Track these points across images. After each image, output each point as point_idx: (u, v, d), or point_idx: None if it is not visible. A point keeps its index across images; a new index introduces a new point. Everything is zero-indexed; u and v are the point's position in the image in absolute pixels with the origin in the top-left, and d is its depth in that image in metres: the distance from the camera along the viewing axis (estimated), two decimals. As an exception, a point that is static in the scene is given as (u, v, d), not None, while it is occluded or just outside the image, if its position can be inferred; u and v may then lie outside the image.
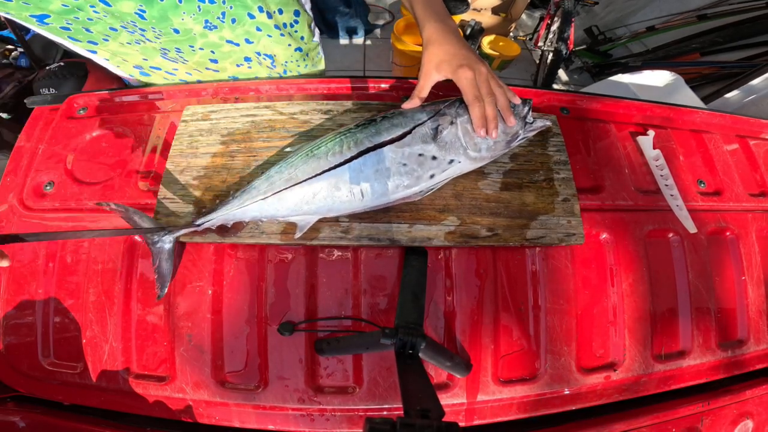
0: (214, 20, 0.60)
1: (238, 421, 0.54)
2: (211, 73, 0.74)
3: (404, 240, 0.54)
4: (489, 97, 0.52)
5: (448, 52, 0.54)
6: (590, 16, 2.61)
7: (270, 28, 0.67)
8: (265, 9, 0.63)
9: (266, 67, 0.76)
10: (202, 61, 0.69)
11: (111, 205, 0.53)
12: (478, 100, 0.52)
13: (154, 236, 0.53)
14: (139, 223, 0.54)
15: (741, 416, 0.59)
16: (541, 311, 0.57)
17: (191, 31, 0.61)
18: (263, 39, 0.68)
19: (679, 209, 0.64)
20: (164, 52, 0.66)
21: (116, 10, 0.53)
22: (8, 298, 0.58)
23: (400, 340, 0.46)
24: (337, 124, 0.63)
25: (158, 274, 0.55)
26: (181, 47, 0.64)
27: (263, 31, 0.67)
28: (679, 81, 1.34)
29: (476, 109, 0.52)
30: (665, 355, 0.59)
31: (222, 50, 0.68)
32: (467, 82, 0.52)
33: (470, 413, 0.55)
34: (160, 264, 0.54)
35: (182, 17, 0.57)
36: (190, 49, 0.65)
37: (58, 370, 0.56)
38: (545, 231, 0.56)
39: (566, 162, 0.61)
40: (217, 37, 0.64)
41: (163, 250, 0.54)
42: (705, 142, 0.72)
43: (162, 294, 0.54)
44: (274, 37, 0.69)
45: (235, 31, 0.64)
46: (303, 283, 0.56)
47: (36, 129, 0.69)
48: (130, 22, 0.56)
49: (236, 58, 0.71)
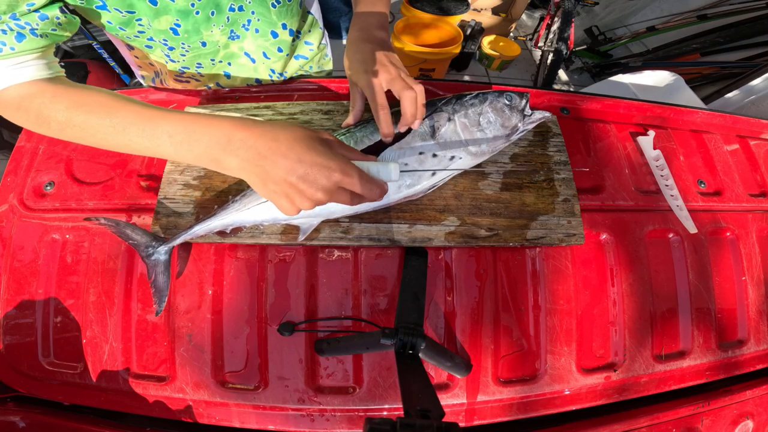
0: (239, 29, 0.60)
1: (238, 422, 0.54)
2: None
3: (404, 240, 0.54)
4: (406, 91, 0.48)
5: (356, 61, 0.52)
6: (590, 16, 2.61)
7: (287, 47, 0.67)
8: (289, 27, 0.63)
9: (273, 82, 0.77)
10: (217, 74, 0.70)
11: (101, 219, 0.52)
12: (384, 109, 0.49)
13: (149, 248, 0.52)
14: (131, 236, 0.53)
15: (741, 416, 0.59)
16: (541, 311, 0.57)
17: (217, 43, 0.60)
18: (282, 59, 0.69)
19: (680, 209, 0.64)
20: (183, 70, 0.66)
21: (153, 27, 0.52)
22: (8, 298, 0.58)
23: (400, 341, 0.46)
24: (337, 124, 0.63)
25: (155, 288, 0.53)
26: (202, 62, 0.64)
27: (284, 52, 0.67)
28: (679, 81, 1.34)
29: (383, 116, 0.49)
30: (665, 356, 0.59)
31: (238, 62, 0.68)
32: (370, 89, 0.49)
33: (470, 413, 0.55)
34: (156, 278, 0.53)
35: (212, 29, 0.56)
36: (210, 62, 0.65)
37: (58, 370, 0.56)
38: (545, 231, 0.56)
39: (566, 162, 0.61)
40: (237, 48, 0.65)
41: (159, 262, 0.52)
42: (705, 142, 0.72)
43: (161, 309, 0.53)
44: (291, 57, 0.70)
45: (257, 42, 0.64)
46: (303, 283, 0.56)
47: (36, 129, 0.69)
48: (162, 40, 0.56)
49: (248, 76, 0.71)
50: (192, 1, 0.50)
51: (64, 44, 1.97)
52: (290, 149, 0.38)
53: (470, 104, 0.54)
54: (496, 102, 0.55)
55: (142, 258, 0.53)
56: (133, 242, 0.53)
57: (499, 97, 0.55)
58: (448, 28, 2.10)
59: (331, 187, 0.39)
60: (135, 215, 0.59)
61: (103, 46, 1.85)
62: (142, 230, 0.53)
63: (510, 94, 0.55)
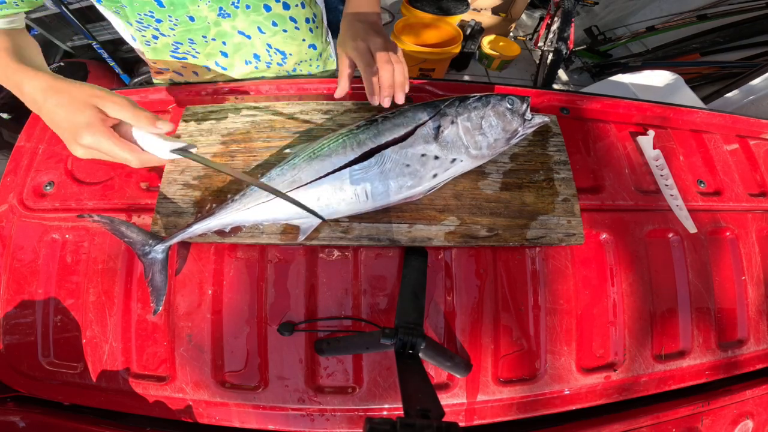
0: (228, 7, 0.61)
1: (238, 421, 0.54)
2: (219, 71, 0.74)
3: (404, 240, 0.54)
4: (386, 65, 0.51)
5: (347, 34, 0.56)
6: (590, 16, 2.61)
7: (285, 21, 0.67)
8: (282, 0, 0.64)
9: (276, 65, 0.75)
10: (213, 53, 0.70)
11: (94, 216, 0.52)
12: (370, 66, 0.52)
13: (145, 247, 0.51)
14: (126, 234, 0.52)
15: (741, 416, 0.59)
16: (541, 311, 0.57)
17: (206, 19, 0.62)
18: (278, 34, 0.69)
19: (679, 209, 0.64)
20: (176, 46, 0.67)
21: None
22: (8, 298, 0.58)
23: (400, 340, 0.46)
24: (337, 124, 0.63)
25: (152, 287, 0.52)
26: (194, 38, 0.65)
27: (279, 26, 0.67)
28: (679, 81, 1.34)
29: (367, 75, 0.52)
30: (665, 355, 0.59)
31: (233, 41, 0.68)
32: (357, 52, 0.53)
33: (470, 413, 0.55)
34: (153, 277, 0.52)
35: (198, 4, 0.58)
36: (202, 39, 0.66)
37: (58, 370, 0.56)
38: (545, 231, 0.56)
39: (566, 162, 0.61)
40: (230, 26, 0.65)
41: (156, 261, 0.52)
42: (705, 142, 0.72)
43: (158, 309, 0.52)
44: (290, 32, 0.69)
45: (249, 18, 0.65)
46: (303, 283, 0.56)
47: (36, 129, 0.69)
48: (148, 12, 0.57)
49: (246, 52, 0.71)
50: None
51: (64, 44, 1.97)
52: (63, 132, 0.44)
53: (473, 107, 0.55)
54: (499, 106, 0.55)
55: (138, 257, 0.53)
56: (128, 240, 0.53)
57: (501, 101, 0.55)
58: (448, 27, 2.11)
59: (89, 155, 0.45)
60: (135, 215, 0.59)
61: (102, 46, 1.86)
62: (137, 228, 0.53)
63: (512, 97, 0.55)
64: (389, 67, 0.51)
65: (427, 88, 0.72)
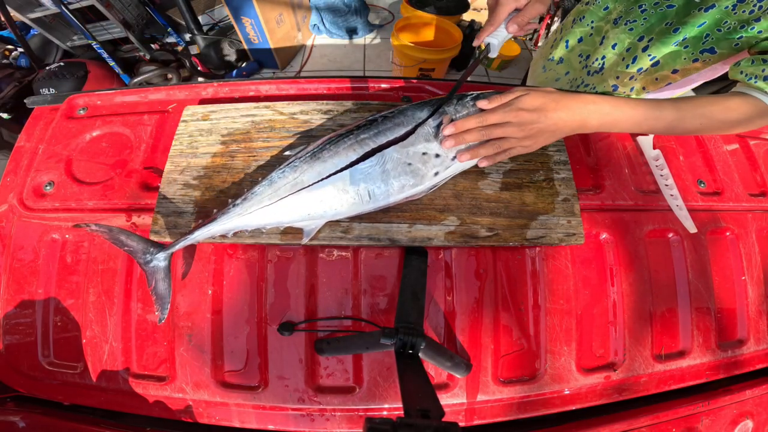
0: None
1: (238, 421, 0.54)
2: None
3: (404, 240, 0.54)
4: (496, 131, 0.51)
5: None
6: (590, 16, 2.60)
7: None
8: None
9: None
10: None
11: (92, 226, 0.50)
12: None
13: (147, 255, 0.50)
14: (127, 242, 0.51)
15: (741, 416, 0.59)
16: (540, 311, 0.57)
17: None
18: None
19: (679, 209, 0.64)
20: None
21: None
22: (8, 298, 0.58)
23: (400, 340, 0.46)
24: (337, 124, 0.63)
25: (156, 296, 0.51)
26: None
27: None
28: (679, 81, 1.33)
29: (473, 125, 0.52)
30: (665, 355, 0.59)
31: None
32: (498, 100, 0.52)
33: (470, 413, 0.55)
34: (156, 285, 0.51)
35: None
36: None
37: (58, 370, 0.57)
38: (545, 231, 0.56)
39: (566, 162, 0.61)
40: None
41: (158, 269, 0.51)
42: (705, 142, 0.72)
43: (164, 317, 0.52)
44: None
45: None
46: (303, 283, 0.56)
47: (36, 129, 0.69)
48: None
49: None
50: None
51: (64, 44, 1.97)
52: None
53: (471, 104, 0.55)
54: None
55: (140, 265, 0.52)
56: (128, 249, 0.51)
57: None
58: (448, 27, 2.11)
59: None
60: (135, 215, 0.59)
61: (102, 46, 1.86)
62: (137, 236, 0.51)
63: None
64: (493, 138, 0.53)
65: (427, 88, 0.72)
